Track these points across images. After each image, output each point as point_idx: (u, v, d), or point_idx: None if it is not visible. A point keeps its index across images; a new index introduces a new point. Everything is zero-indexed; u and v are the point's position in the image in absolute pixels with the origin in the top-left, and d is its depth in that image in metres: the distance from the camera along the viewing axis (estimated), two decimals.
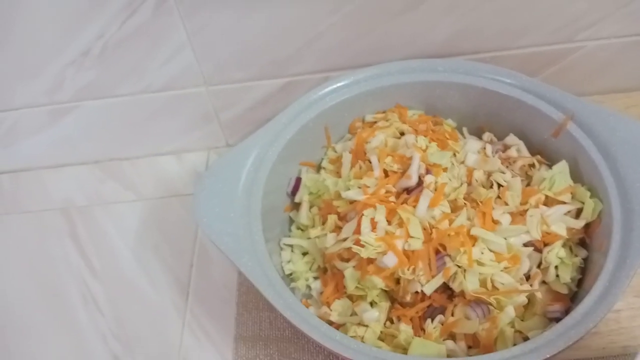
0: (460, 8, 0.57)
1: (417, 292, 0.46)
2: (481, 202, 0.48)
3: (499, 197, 0.49)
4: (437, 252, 0.46)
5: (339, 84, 0.56)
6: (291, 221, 0.57)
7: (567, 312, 0.45)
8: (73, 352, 0.55)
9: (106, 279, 0.60)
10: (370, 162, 0.53)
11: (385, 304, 0.48)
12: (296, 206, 0.57)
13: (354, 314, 0.48)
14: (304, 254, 0.54)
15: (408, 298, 0.46)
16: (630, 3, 0.57)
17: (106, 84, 0.62)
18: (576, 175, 0.51)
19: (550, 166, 0.52)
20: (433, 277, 0.45)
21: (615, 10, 0.57)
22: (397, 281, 0.47)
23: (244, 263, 0.46)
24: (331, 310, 0.49)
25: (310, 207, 0.56)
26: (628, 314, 0.50)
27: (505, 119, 0.55)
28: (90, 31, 0.57)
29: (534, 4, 0.57)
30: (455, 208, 0.48)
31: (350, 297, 0.49)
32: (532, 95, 0.53)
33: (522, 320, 0.45)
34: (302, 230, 0.56)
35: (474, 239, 0.46)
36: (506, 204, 0.48)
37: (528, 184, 0.51)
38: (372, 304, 0.48)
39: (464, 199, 0.49)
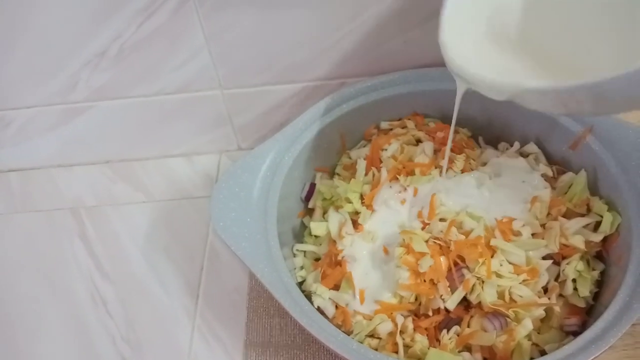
0: None
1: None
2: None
3: None
4: (455, 264, 0.45)
5: (355, 91, 0.56)
6: (304, 227, 0.57)
7: (583, 325, 0.45)
8: (82, 353, 0.55)
9: (116, 281, 0.60)
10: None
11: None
12: (310, 212, 0.57)
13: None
14: (317, 259, 0.54)
15: (430, 313, 0.46)
16: None
17: (121, 85, 0.61)
18: (594, 188, 0.50)
19: None
20: (453, 291, 0.45)
21: None
22: (416, 297, 0.46)
23: (261, 269, 0.45)
24: None
25: (324, 213, 0.55)
26: None
27: (522, 129, 0.55)
28: (108, 32, 0.56)
29: None
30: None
31: None
32: None
33: (539, 333, 0.45)
34: (315, 236, 0.55)
35: (493, 250, 0.46)
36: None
37: None
38: None
39: None
